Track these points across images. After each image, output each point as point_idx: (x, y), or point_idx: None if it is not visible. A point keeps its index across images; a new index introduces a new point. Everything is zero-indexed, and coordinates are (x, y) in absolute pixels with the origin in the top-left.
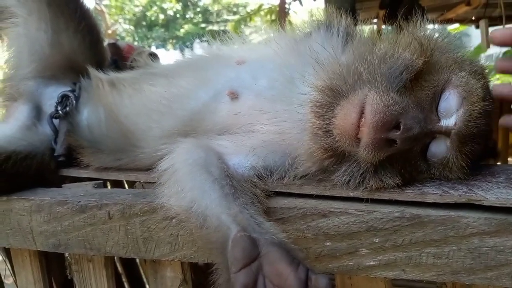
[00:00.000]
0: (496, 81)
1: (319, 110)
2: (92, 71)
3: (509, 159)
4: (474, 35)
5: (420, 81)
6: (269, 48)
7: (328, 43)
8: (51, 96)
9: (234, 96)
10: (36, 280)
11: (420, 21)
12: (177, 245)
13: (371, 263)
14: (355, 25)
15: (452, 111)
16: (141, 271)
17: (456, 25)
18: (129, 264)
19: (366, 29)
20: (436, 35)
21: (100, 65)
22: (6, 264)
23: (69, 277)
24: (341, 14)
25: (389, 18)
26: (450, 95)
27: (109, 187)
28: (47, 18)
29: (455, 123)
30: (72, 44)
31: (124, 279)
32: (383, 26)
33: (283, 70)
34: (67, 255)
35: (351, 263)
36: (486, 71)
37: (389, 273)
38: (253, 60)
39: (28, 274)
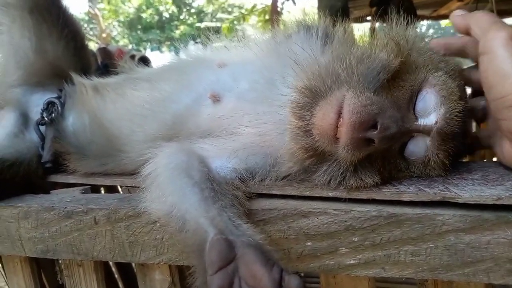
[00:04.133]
0: None
1: (299, 110)
2: (76, 77)
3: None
4: None
5: (397, 81)
6: (250, 50)
7: (307, 45)
8: (37, 103)
9: (216, 99)
10: (28, 286)
11: (398, 21)
12: (162, 248)
13: (351, 262)
14: (334, 26)
15: (429, 110)
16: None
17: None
18: (125, 268)
19: (346, 29)
20: (413, 35)
21: (85, 71)
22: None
23: (60, 282)
24: (321, 15)
25: (380, 16)
26: (427, 94)
27: (102, 193)
28: (30, 25)
29: (436, 121)
30: (57, 51)
31: (120, 283)
32: (377, 24)
33: (264, 72)
34: (60, 260)
35: (332, 263)
36: (462, 70)
37: (369, 271)
38: (234, 63)
39: (20, 280)
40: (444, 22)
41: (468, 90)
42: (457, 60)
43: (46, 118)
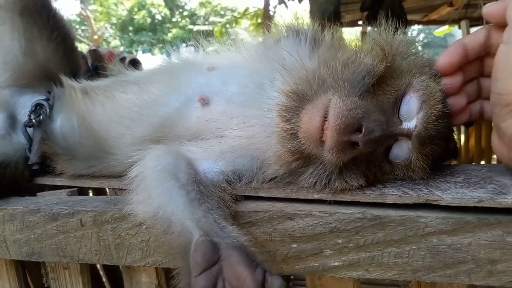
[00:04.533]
0: None
1: (286, 114)
2: (65, 79)
3: (493, 156)
4: (459, 36)
5: (382, 85)
6: (240, 54)
7: (295, 49)
8: (25, 105)
9: (204, 102)
10: None
11: (385, 26)
12: (148, 250)
13: (336, 263)
14: (323, 30)
15: (412, 114)
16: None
17: (446, 26)
18: (112, 271)
19: (334, 34)
20: (399, 40)
21: (74, 73)
22: None
23: (45, 285)
24: (310, 20)
25: (371, 20)
26: (410, 99)
27: (91, 195)
28: (20, 28)
29: (416, 126)
30: (46, 53)
31: (107, 286)
32: (368, 28)
33: (253, 76)
34: (46, 263)
35: (316, 264)
36: None
37: (353, 273)
38: (223, 67)
39: (5, 283)
40: (437, 31)
41: None
42: None
43: (34, 120)
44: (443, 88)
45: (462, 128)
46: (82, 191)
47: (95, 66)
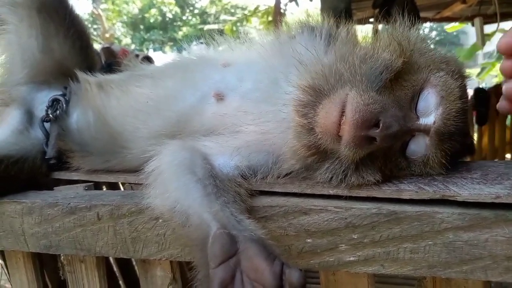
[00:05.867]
0: (495, 78)
1: (302, 109)
2: (81, 74)
3: (507, 155)
4: (472, 33)
5: (399, 81)
6: (254, 51)
7: (311, 45)
8: (42, 100)
9: (219, 98)
10: (30, 281)
11: (401, 22)
12: (164, 244)
13: (351, 258)
14: (338, 27)
15: (430, 110)
16: (137, 271)
17: (455, 23)
18: (125, 265)
19: (349, 30)
20: (416, 36)
21: (90, 70)
22: (2, 268)
23: (62, 278)
24: (324, 17)
25: (383, 17)
26: (428, 94)
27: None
28: (38, 25)
29: (434, 121)
30: (63, 50)
31: (120, 281)
32: (380, 26)
33: (268, 71)
34: (62, 256)
35: (331, 259)
36: (464, 71)
37: (369, 268)
38: (238, 63)
39: (22, 275)
40: (448, 27)
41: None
42: (459, 61)
43: (50, 115)
44: (462, 84)
45: (475, 127)
46: (97, 187)
47: (109, 63)
